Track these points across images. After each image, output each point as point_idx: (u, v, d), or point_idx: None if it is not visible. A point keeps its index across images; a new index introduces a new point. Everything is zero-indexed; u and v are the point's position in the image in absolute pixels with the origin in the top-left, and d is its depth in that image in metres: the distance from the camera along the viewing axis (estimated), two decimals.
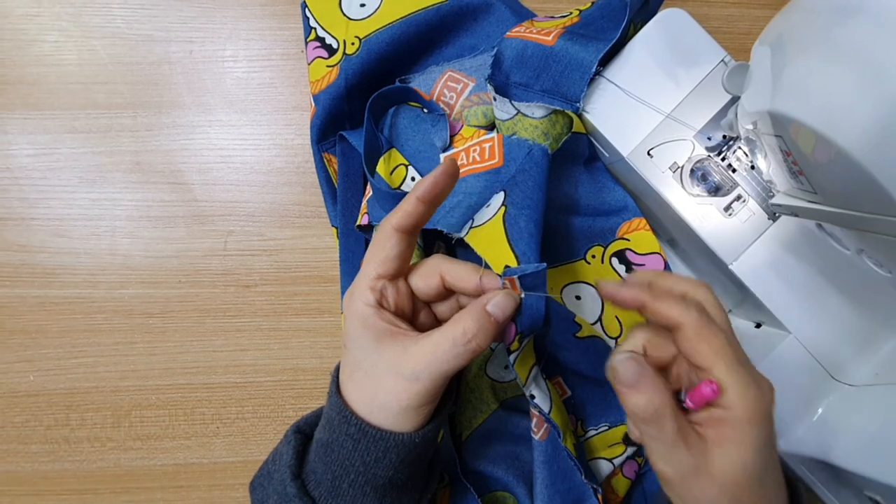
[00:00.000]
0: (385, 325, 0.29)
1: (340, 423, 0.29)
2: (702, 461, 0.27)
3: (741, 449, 0.27)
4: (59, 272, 0.48)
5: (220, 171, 0.48)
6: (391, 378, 0.29)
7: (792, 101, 0.25)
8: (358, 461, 0.29)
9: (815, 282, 0.38)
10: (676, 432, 0.27)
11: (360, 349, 0.29)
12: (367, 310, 0.29)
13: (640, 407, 0.27)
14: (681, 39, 0.38)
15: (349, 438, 0.29)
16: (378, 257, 0.30)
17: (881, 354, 0.38)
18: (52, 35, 0.48)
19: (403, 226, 0.29)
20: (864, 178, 0.22)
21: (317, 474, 0.30)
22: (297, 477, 0.30)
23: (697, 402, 0.27)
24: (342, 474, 0.29)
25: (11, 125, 0.48)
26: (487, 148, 0.40)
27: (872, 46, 0.21)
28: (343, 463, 0.29)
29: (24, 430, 0.48)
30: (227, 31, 0.48)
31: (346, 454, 0.29)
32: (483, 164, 0.39)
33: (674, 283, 0.30)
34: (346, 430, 0.29)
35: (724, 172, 0.38)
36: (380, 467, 0.29)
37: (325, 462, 0.30)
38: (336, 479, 0.30)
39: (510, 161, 0.39)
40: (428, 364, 0.28)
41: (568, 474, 0.40)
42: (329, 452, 0.30)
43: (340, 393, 0.30)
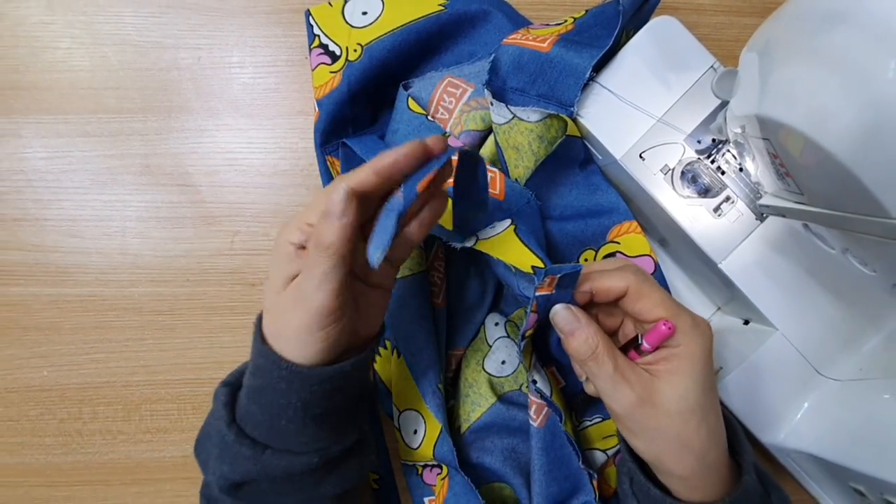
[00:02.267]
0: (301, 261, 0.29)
1: (271, 368, 0.29)
2: (645, 393, 0.30)
3: (686, 380, 0.30)
4: (71, 271, 0.48)
5: (226, 174, 0.48)
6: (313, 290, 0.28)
7: (779, 105, 0.25)
8: (294, 399, 0.30)
9: (801, 280, 0.38)
10: (615, 369, 0.30)
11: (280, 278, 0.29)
12: (291, 248, 0.29)
13: (578, 349, 0.31)
14: (672, 46, 0.38)
15: (282, 380, 0.29)
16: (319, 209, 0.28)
17: (865, 350, 0.38)
18: (65, 42, 0.48)
19: (355, 190, 0.27)
20: (848, 179, 0.22)
21: (253, 416, 0.31)
22: (232, 423, 0.31)
23: (654, 342, 0.31)
24: (279, 413, 0.30)
25: (26, 129, 0.48)
26: (489, 177, 0.40)
27: (856, 53, 0.21)
28: (279, 403, 0.30)
29: (39, 423, 0.47)
30: (233, 39, 0.48)
31: (280, 395, 0.30)
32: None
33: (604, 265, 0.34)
34: (277, 374, 0.29)
35: (714, 174, 0.38)
36: (315, 401, 0.30)
37: (260, 405, 0.31)
38: (274, 419, 0.30)
39: (511, 200, 0.40)
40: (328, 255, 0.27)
41: (565, 461, 0.40)
42: (263, 396, 0.30)
43: (265, 339, 0.30)
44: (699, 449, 0.30)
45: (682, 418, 0.30)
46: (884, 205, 0.22)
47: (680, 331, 0.30)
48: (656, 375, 0.30)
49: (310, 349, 0.29)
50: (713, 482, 0.31)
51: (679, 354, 0.30)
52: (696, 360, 0.30)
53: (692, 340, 0.30)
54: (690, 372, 0.30)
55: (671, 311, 0.30)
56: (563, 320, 0.32)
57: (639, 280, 0.31)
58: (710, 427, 0.30)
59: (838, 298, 0.38)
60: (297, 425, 0.30)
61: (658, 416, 0.30)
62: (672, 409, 0.30)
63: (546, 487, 0.39)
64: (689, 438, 0.30)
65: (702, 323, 0.31)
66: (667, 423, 0.30)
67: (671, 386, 0.30)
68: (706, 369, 0.30)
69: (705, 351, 0.30)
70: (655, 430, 0.30)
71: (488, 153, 0.42)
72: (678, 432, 0.30)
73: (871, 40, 0.20)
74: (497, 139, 0.41)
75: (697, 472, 0.30)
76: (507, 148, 0.40)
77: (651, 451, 0.31)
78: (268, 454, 0.30)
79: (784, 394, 0.39)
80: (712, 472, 0.31)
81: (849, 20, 0.21)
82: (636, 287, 0.31)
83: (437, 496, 0.42)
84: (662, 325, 0.30)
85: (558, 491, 0.39)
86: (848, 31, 0.21)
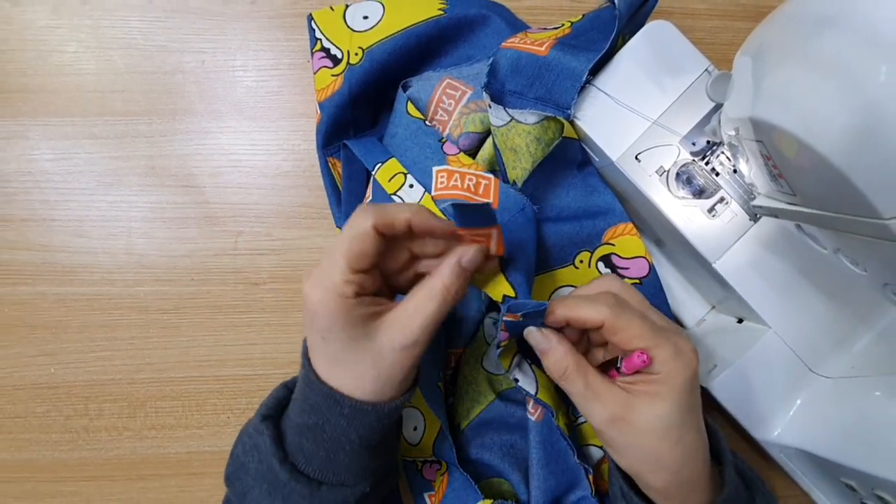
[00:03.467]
0: (367, 310, 0.29)
1: (330, 406, 0.29)
2: (619, 410, 0.30)
3: (662, 404, 0.29)
4: (78, 270, 0.47)
5: (230, 175, 0.48)
6: (389, 355, 0.29)
7: (772, 108, 0.25)
8: (353, 434, 0.30)
9: (794, 279, 0.38)
10: (586, 387, 0.30)
11: (346, 338, 0.28)
12: (347, 303, 0.28)
13: (551, 368, 0.32)
14: (667, 50, 0.38)
15: (342, 417, 0.29)
16: (354, 251, 0.28)
17: (857, 348, 0.38)
18: (72, 46, 0.48)
19: (380, 228, 0.28)
20: (840, 181, 0.22)
21: (306, 452, 0.30)
22: (285, 460, 0.30)
23: (630, 369, 0.30)
24: (337, 448, 0.30)
25: (33, 131, 0.47)
26: (483, 184, 0.40)
27: (848, 57, 0.21)
28: (338, 439, 0.30)
29: (46, 420, 0.47)
30: (237, 43, 0.48)
31: (341, 431, 0.30)
32: (476, 197, 0.39)
33: (582, 290, 0.34)
34: (338, 412, 0.29)
35: (708, 176, 0.38)
36: (374, 433, 0.30)
37: (315, 441, 0.30)
38: (331, 453, 0.30)
39: (504, 209, 0.39)
40: (421, 327, 0.29)
41: (562, 455, 0.40)
42: (319, 432, 0.30)
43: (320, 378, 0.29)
44: (674, 466, 0.30)
45: (656, 437, 0.29)
46: (875, 206, 0.22)
47: (659, 360, 0.29)
48: (634, 395, 0.30)
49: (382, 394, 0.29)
50: (691, 494, 0.31)
51: (657, 380, 0.30)
52: (676, 387, 0.29)
53: (672, 369, 0.29)
54: (668, 397, 0.29)
55: (650, 342, 0.29)
56: (535, 340, 0.32)
57: (615, 312, 0.30)
58: (687, 446, 0.30)
59: (830, 297, 0.38)
60: (353, 458, 0.30)
61: (632, 434, 0.30)
62: (646, 428, 0.29)
63: (544, 481, 0.39)
64: (662, 456, 0.30)
65: (685, 351, 0.30)
66: (641, 440, 0.30)
67: (647, 407, 0.29)
68: (686, 394, 0.30)
69: (686, 379, 0.30)
70: (629, 445, 0.30)
71: (486, 155, 0.42)
72: (653, 450, 0.30)
73: (863, 45, 0.20)
74: (495, 141, 0.41)
75: (673, 486, 0.30)
76: (504, 150, 0.40)
77: (627, 464, 0.31)
78: (324, 489, 0.30)
79: (777, 391, 0.39)
80: (689, 486, 0.31)
81: (840, 25, 0.21)
82: (612, 321, 0.30)
83: (437, 492, 0.42)
84: (636, 357, 0.29)
85: (556, 485, 0.39)
86: (840, 36, 0.21)
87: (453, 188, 0.39)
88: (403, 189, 0.40)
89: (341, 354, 0.29)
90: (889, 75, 0.19)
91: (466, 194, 0.39)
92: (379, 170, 0.41)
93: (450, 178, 0.40)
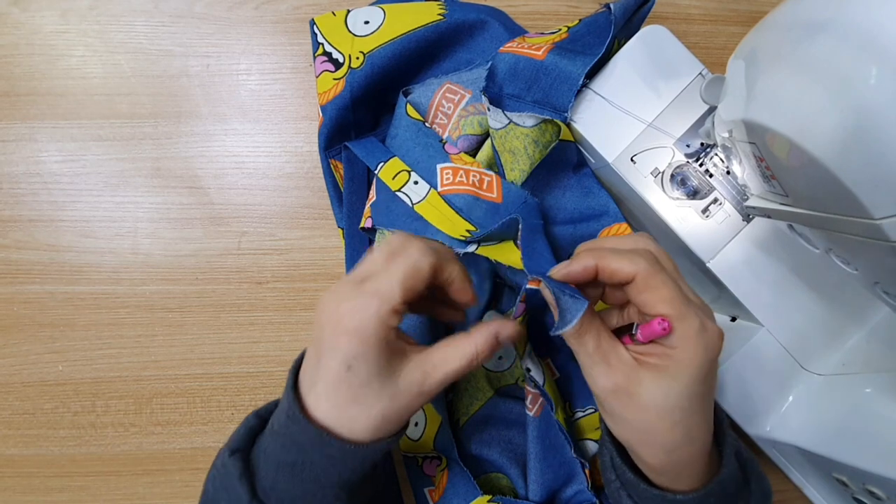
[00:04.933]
0: (398, 344, 0.28)
1: (314, 445, 0.27)
2: (624, 381, 0.27)
3: (670, 383, 0.27)
4: (85, 270, 0.47)
5: (234, 176, 0.48)
6: (406, 397, 0.27)
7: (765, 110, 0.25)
8: (334, 476, 0.27)
9: (786, 278, 0.38)
10: (596, 350, 0.28)
11: (373, 371, 0.26)
12: (390, 333, 0.27)
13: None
14: (661, 54, 0.38)
15: (326, 458, 0.27)
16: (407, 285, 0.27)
17: (847, 346, 0.38)
18: (79, 50, 0.48)
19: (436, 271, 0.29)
20: (831, 181, 0.22)
21: (279, 492, 0.28)
22: (254, 499, 0.27)
23: (646, 336, 0.28)
24: (315, 489, 0.28)
25: (41, 134, 0.47)
26: (486, 181, 0.40)
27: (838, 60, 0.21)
28: (318, 480, 0.28)
29: (53, 416, 0.47)
30: (241, 47, 0.48)
31: (322, 471, 0.27)
32: (483, 192, 0.39)
33: (617, 243, 0.30)
34: (321, 452, 0.27)
35: (702, 177, 0.38)
36: (356, 474, 0.28)
37: (292, 481, 0.28)
38: (308, 495, 0.28)
39: (508, 203, 0.39)
40: (441, 380, 0.28)
41: (559, 450, 0.40)
42: (300, 472, 0.27)
43: (309, 413, 0.27)
44: (668, 446, 0.28)
45: (657, 415, 0.27)
46: (865, 206, 0.21)
47: (680, 334, 0.27)
48: (643, 366, 0.27)
49: (376, 434, 0.27)
50: (683, 473, 0.29)
51: (671, 356, 0.27)
52: (690, 367, 0.27)
53: (692, 347, 0.26)
54: (679, 376, 0.27)
55: (676, 311, 0.26)
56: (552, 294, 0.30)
57: (650, 270, 0.27)
58: (688, 431, 0.28)
59: (822, 296, 0.38)
60: (330, 498, 0.28)
61: (632, 407, 0.27)
62: (648, 404, 0.27)
63: (541, 475, 0.39)
64: (658, 434, 0.27)
65: (710, 332, 0.27)
66: (640, 415, 0.27)
67: (653, 382, 0.27)
68: (699, 377, 0.27)
69: (704, 361, 0.27)
70: (626, 418, 0.28)
71: (485, 157, 0.42)
72: (649, 427, 0.27)
73: (854, 48, 0.20)
74: (494, 143, 0.41)
75: (667, 465, 0.29)
76: (503, 152, 0.40)
77: (623, 435, 0.29)
78: None
79: (769, 388, 0.39)
80: (682, 466, 0.29)
81: (831, 29, 0.21)
82: (645, 277, 0.27)
83: (437, 487, 0.42)
84: (657, 324, 0.27)
85: (553, 478, 0.39)
86: (831, 40, 0.21)
87: (459, 184, 0.39)
88: (408, 185, 0.40)
89: (361, 389, 0.27)
90: (879, 78, 0.19)
91: (472, 189, 0.39)
92: (382, 168, 0.41)
93: (455, 174, 0.40)
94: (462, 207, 0.39)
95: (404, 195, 0.40)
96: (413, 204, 0.39)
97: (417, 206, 0.39)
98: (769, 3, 0.50)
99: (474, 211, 0.39)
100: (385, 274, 0.27)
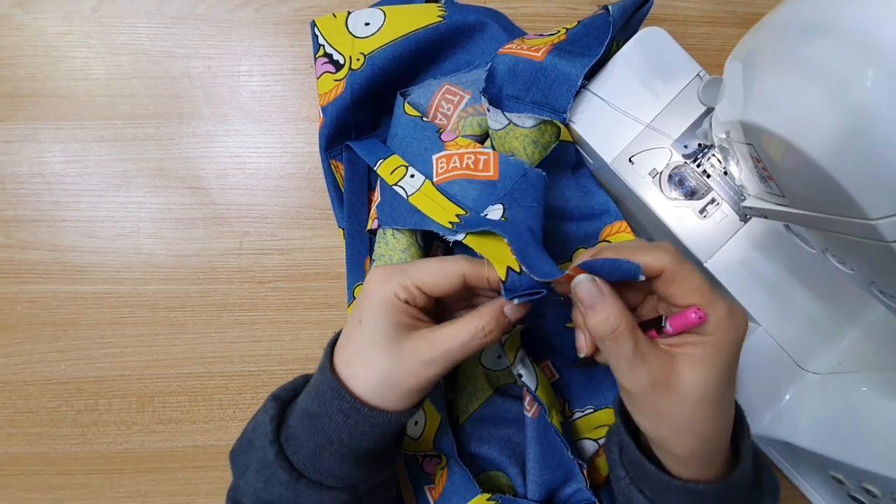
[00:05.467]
0: (408, 318, 0.30)
1: (333, 397, 0.29)
2: (662, 376, 0.27)
3: (708, 370, 0.27)
4: (88, 269, 0.47)
5: (236, 177, 0.48)
6: (408, 362, 0.29)
7: (762, 112, 0.25)
8: (344, 434, 0.29)
9: (783, 278, 0.38)
10: (634, 349, 0.27)
11: (379, 330, 0.29)
12: (397, 301, 0.29)
13: (599, 325, 0.27)
14: (659, 55, 0.38)
15: (340, 413, 0.29)
16: (432, 278, 0.30)
17: (843, 345, 0.38)
18: (82, 52, 0.48)
19: (470, 280, 0.30)
20: (827, 182, 0.22)
21: (298, 441, 0.30)
22: (275, 441, 0.30)
23: (678, 327, 0.27)
24: (325, 444, 0.29)
25: (44, 135, 0.47)
26: (483, 160, 0.39)
27: (835, 62, 0.21)
28: (329, 434, 0.29)
29: (57, 414, 0.47)
30: (242, 49, 0.48)
31: (334, 427, 0.29)
32: (477, 173, 0.39)
33: (637, 243, 0.30)
34: (338, 406, 0.29)
35: (700, 178, 0.38)
36: (364, 440, 0.29)
37: (309, 431, 0.29)
38: (318, 448, 0.29)
39: (505, 178, 0.38)
40: (445, 352, 0.29)
41: (557, 451, 0.40)
42: (315, 423, 0.29)
43: (335, 368, 0.30)
44: (706, 435, 0.28)
45: (695, 405, 0.27)
46: (861, 206, 0.21)
47: (713, 320, 0.27)
48: (678, 358, 0.27)
49: (382, 400, 0.29)
50: (711, 464, 0.29)
51: (707, 343, 0.27)
52: (724, 351, 0.27)
53: (725, 330, 0.27)
54: (715, 361, 0.27)
55: (706, 299, 0.27)
56: (586, 292, 0.28)
57: (676, 262, 0.27)
58: (721, 417, 0.28)
59: (818, 296, 0.38)
60: (338, 459, 0.29)
61: (671, 400, 0.27)
62: (687, 395, 0.27)
63: (540, 475, 0.39)
64: (697, 424, 0.27)
65: (738, 312, 0.27)
66: (679, 407, 0.27)
67: (691, 372, 0.27)
68: (731, 360, 0.27)
69: (736, 342, 0.27)
70: (665, 412, 0.28)
71: None
72: (689, 418, 0.27)
73: (851, 50, 0.20)
74: (493, 144, 0.41)
75: (699, 455, 0.29)
76: (502, 152, 0.40)
77: (655, 429, 0.29)
78: (302, 484, 0.29)
79: (766, 386, 0.39)
80: (712, 456, 0.29)
81: (828, 31, 0.21)
82: (673, 269, 0.27)
83: (437, 485, 0.42)
84: (693, 313, 0.26)
85: (551, 478, 0.39)
86: (828, 42, 0.21)
87: (453, 170, 0.39)
88: (405, 179, 0.40)
89: (366, 346, 0.29)
90: (875, 79, 0.19)
91: (465, 173, 0.39)
92: (381, 165, 0.41)
93: (448, 161, 0.39)
94: (456, 193, 0.38)
95: (400, 188, 0.39)
96: (408, 196, 0.39)
97: (412, 198, 0.39)
98: (766, 5, 0.50)
99: (469, 194, 0.38)
100: (419, 262, 0.31)
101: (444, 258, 0.31)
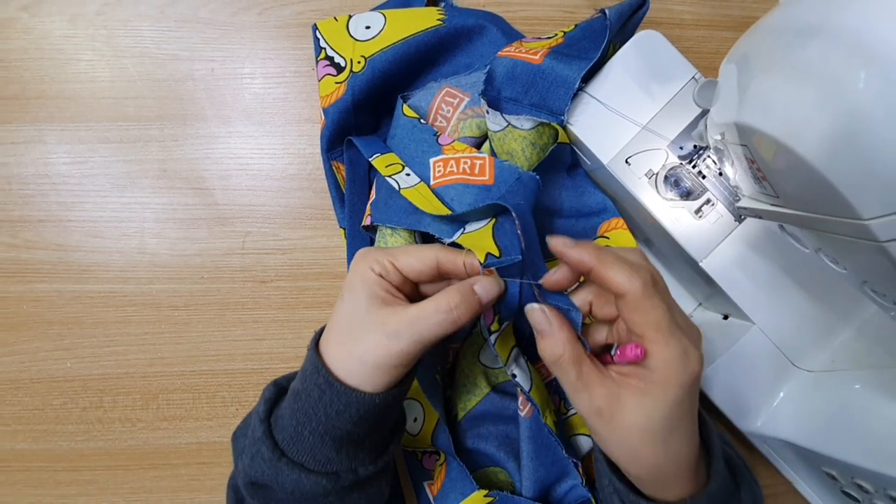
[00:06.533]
0: (382, 291, 0.30)
1: (312, 372, 0.29)
2: (606, 404, 0.27)
3: (653, 405, 0.27)
4: (93, 269, 0.47)
5: (238, 178, 0.48)
6: (374, 333, 0.28)
7: (756, 113, 0.25)
8: (321, 411, 0.29)
9: (777, 277, 0.38)
10: (577, 376, 0.28)
11: (355, 301, 0.29)
12: (371, 275, 0.30)
13: (544, 352, 0.29)
14: (655, 58, 0.38)
15: (317, 388, 0.29)
16: (410, 261, 0.30)
17: (837, 343, 0.38)
18: (87, 54, 0.48)
19: (443, 265, 0.31)
20: (821, 183, 0.22)
21: (283, 419, 0.30)
22: (266, 419, 0.30)
23: (622, 360, 0.28)
24: (305, 421, 0.29)
25: (50, 136, 0.47)
26: (478, 164, 0.39)
27: (829, 65, 0.21)
28: (307, 411, 0.29)
29: (62, 412, 0.47)
30: (245, 51, 0.48)
31: (312, 403, 0.29)
32: (472, 178, 0.39)
33: (622, 252, 0.29)
34: (315, 380, 0.29)
35: (695, 178, 0.38)
36: (340, 419, 0.29)
37: (292, 409, 0.29)
38: (299, 426, 0.29)
39: (500, 182, 0.38)
40: (410, 325, 0.28)
41: (551, 448, 0.40)
42: (297, 400, 0.29)
43: (318, 346, 0.30)
44: (653, 463, 0.28)
45: (640, 434, 0.27)
46: (854, 207, 0.21)
47: (660, 359, 0.26)
48: (624, 389, 0.27)
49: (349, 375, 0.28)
50: (671, 485, 0.29)
51: (652, 379, 0.27)
52: (670, 390, 0.26)
53: (673, 372, 0.26)
54: (659, 398, 0.26)
55: (660, 336, 0.26)
56: (536, 320, 0.29)
57: (643, 291, 0.26)
58: (671, 449, 0.27)
59: (812, 295, 0.38)
60: (317, 440, 0.29)
61: (615, 428, 0.27)
62: (630, 425, 0.27)
63: (534, 472, 0.39)
64: (642, 453, 0.27)
65: (692, 357, 0.27)
66: (623, 435, 0.27)
67: (636, 404, 0.27)
68: (680, 399, 0.27)
69: (683, 385, 0.26)
70: (610, 438, 0.28)
71: None
72: (634, 445, 0.27)
73: (844, 53, 0.20)
74: (492, 145, 0.41)
75: (651, 480, 0.28)
76: (501, 153, 0.40)
77: (609, 452, 0.29)
78: (283, 463, 0.29)
79: (761, 384, 0.39)
80: (670, 478, 0.28)
81: (822, 34, 0.21)
82: (636, 298, 0.26)
83: (436, 481, 0.42)
84: (631, 349, 0.27)
85: (546, 475, 0.39)
86: (821, 44, 0.21)
87: (450, 174, 0.39)
88: (400, 175, 0.40)
89: (341, 318, 0.30)
90: (868, 81, 0.19)
91: (462, 177, 0.39)
92: (377, 158, 0.41)
93: (446, 165, 0.39)
94: (453, 198, 0.38)
95: (393, 181, 0.39)
96: (400, 188, 0.38)
97: (404, 191, 0.38)
98: (760, 8, 0.50)
99: (464, 198, 0.38)
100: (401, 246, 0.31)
101: (422, 245, 0.32)
